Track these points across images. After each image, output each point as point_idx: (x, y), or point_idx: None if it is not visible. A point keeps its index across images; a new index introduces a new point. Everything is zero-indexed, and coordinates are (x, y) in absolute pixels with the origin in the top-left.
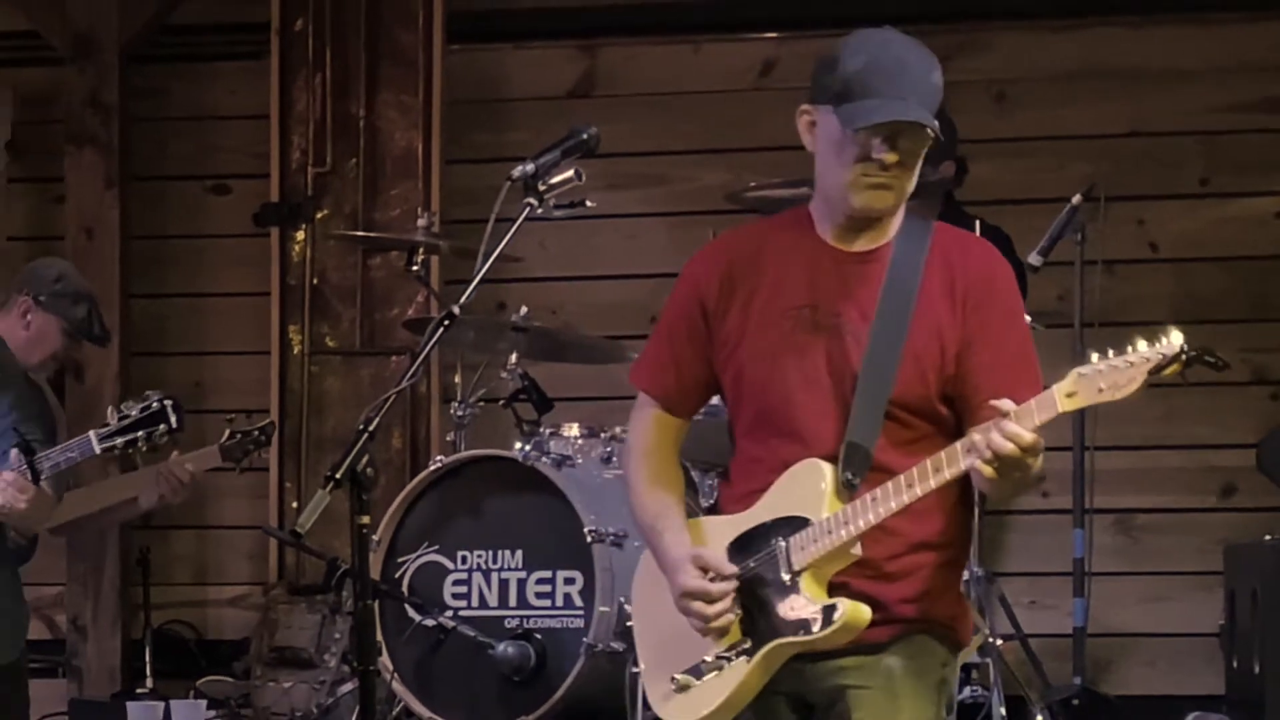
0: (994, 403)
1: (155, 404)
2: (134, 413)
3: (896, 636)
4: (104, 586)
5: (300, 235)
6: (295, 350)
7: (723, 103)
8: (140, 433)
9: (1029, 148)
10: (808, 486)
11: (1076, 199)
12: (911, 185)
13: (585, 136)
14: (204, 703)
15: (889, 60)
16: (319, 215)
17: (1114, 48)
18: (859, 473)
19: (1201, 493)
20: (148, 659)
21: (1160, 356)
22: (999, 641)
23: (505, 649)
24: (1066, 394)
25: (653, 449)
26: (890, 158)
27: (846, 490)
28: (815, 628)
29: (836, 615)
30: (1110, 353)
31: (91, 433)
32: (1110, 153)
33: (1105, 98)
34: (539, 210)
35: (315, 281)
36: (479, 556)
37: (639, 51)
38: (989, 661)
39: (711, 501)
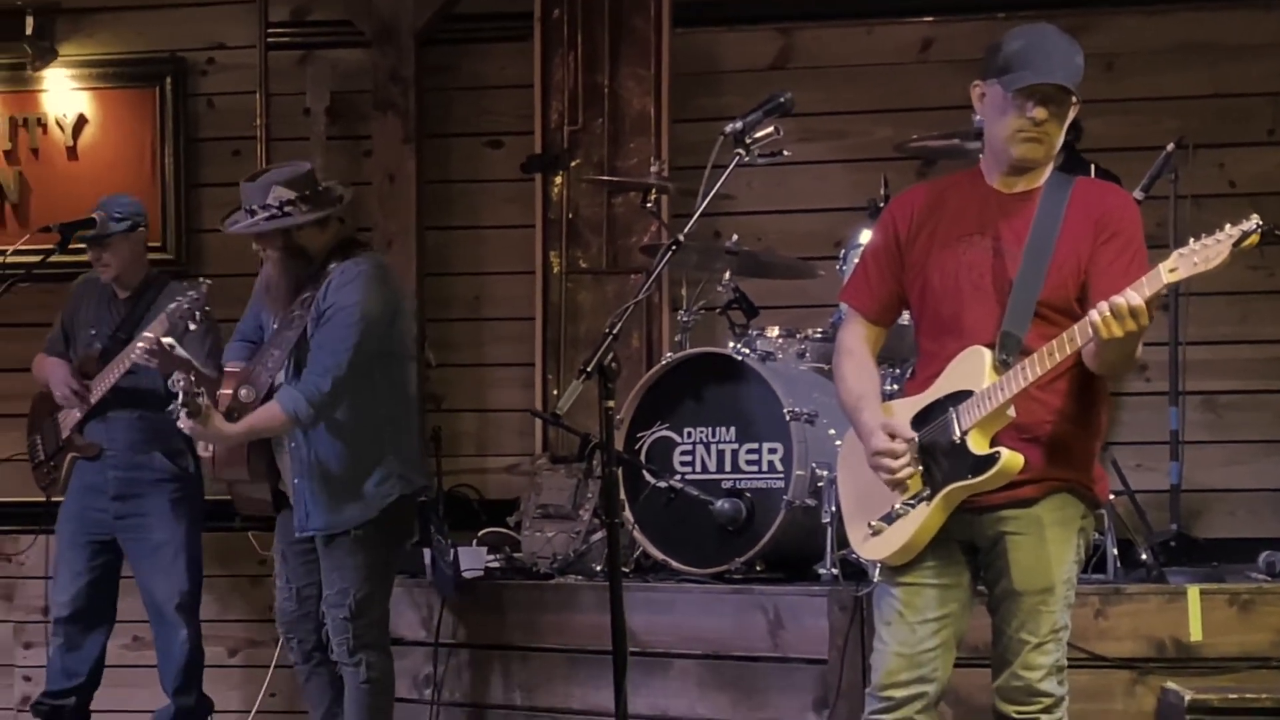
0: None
1: None
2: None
3: (1045, 493)
4: None
5: (558, 180)
6: (555, 270)
7: (890, 73)
8: None
9: (1132, 107)
10: (971, 367)
11: (1170, 147)
12: (1059, 141)
13: (782, 100)
14: (484, 549)
15: (1041, 43)
16: (573, 164)
17: (1200, 27)
18: (1011, 354)
19: (1271, 378)
20: (440, 515)
21: (1240, 232)
22: (1111, 497)
23: (722, 505)
24: (1170, 269)
25: (856, 349)
26: (1040, 114)
27: (1002, 367)
28: (981, 472)
29: (998, 460)
30: (1203, 235)
31: None
32: (1197, 110)
33: (1193, 66)
34: (746, 158)
35: (570, 216)
36: (701, 432)
37: (824, 33)
38: (1103, 513)
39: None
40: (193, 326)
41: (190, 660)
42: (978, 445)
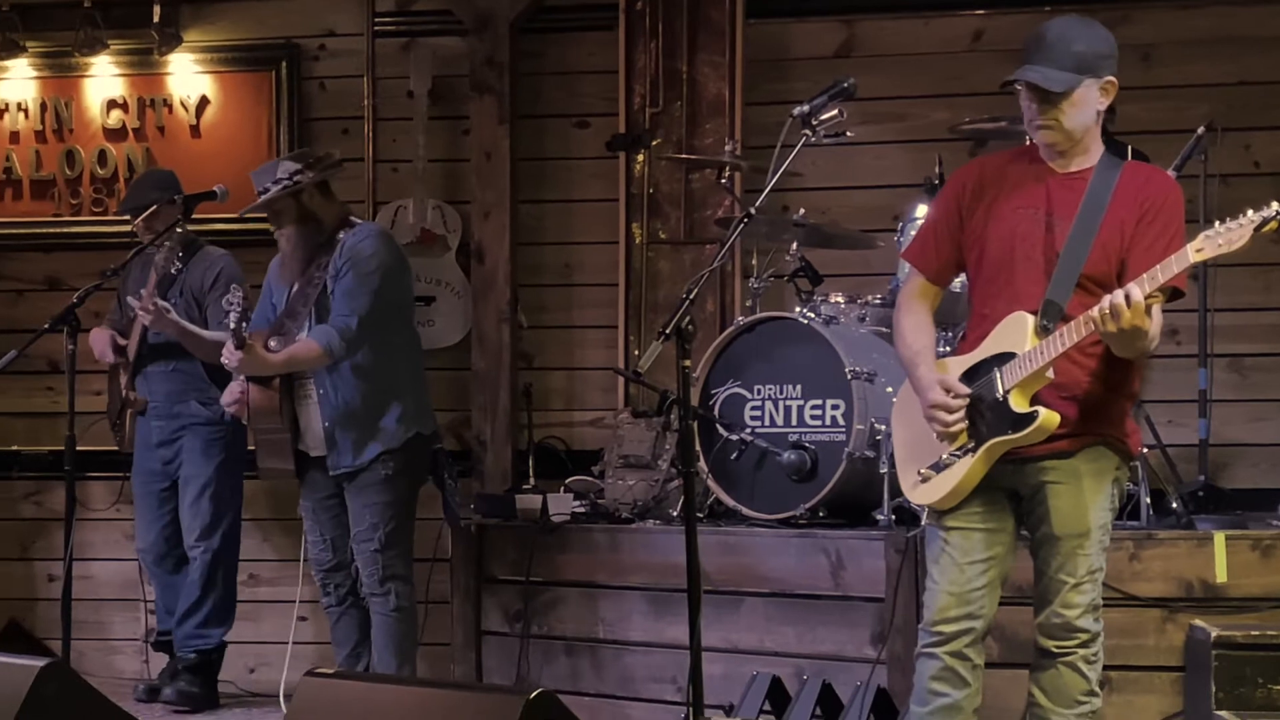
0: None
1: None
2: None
3: (1082, 446)
4: (499, 412)
5: (640, 158)
6: (637, 241)
7: (945, 61)
8: None
9: (1166, 94)
10: (1015, 331)
11: (1200, 130)
12: (1076, 123)
13: (846, 85)
14: (571, 495)
15: (1039, 37)
16: (654, 143)
17: (1229, 20)
18: (1052, 321)
19: None
20: (530, 464)
21: (1261, 218)
22: (1145, 450)
23: (788, 456)
24: (1196, 249)
25: (915, 306)
26: (1032, 106)
27: (1043, 332)
28: (1021, 428)
29: (1036, 419)
30: (1228, 219)
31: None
32: (1225, 96)
33: (1222, 57)
34: (812, 139)
35: (651, 191)
36: (769, 389)
37: (885, 24)
38: (1138, 464)
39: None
40: (174, 270)
41: (199, 589)
42: (1018, 403)
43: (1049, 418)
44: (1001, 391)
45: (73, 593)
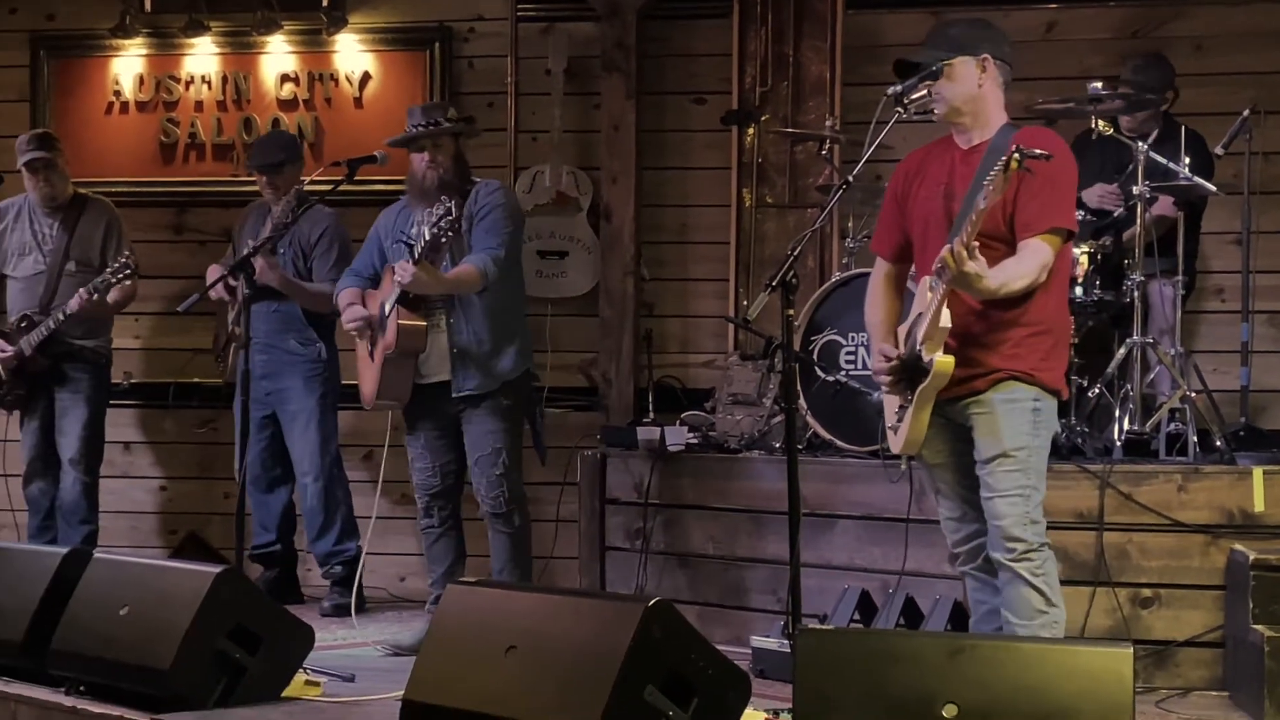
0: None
1: None
2: None
3: (993, 383)
4: (623, 354)
5: (751, 131)
6: (746, 204)
7: (1021, 49)
8: None
9: (1216, 80)
10: (923, 293)
11: (1246, 112)
12: (951, 94)
13: (934, 69)
14: (685, 428)
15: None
16: (763, 118)
17: (1273, 16)
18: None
19: None
20: (650, 400)
21: (1004, 162)
22: (1193, 394)
23: (878, 395)
24: (983, 198)
25: (875, 287)
26: (925, 85)
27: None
28: (927, 375)
29: (933, 364)
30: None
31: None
32: (1269, 82)
33: (1267, 48)
34: (903, 116)
35: (760, 161)
36: (862, 336)
37: (968, 15)
38: (1186, 407)
39: None
40: (288, 222)
41: (323, 512)
42: (927, 353)
43: (943, 362)
44: (917, 346)
45: (245, 508)
